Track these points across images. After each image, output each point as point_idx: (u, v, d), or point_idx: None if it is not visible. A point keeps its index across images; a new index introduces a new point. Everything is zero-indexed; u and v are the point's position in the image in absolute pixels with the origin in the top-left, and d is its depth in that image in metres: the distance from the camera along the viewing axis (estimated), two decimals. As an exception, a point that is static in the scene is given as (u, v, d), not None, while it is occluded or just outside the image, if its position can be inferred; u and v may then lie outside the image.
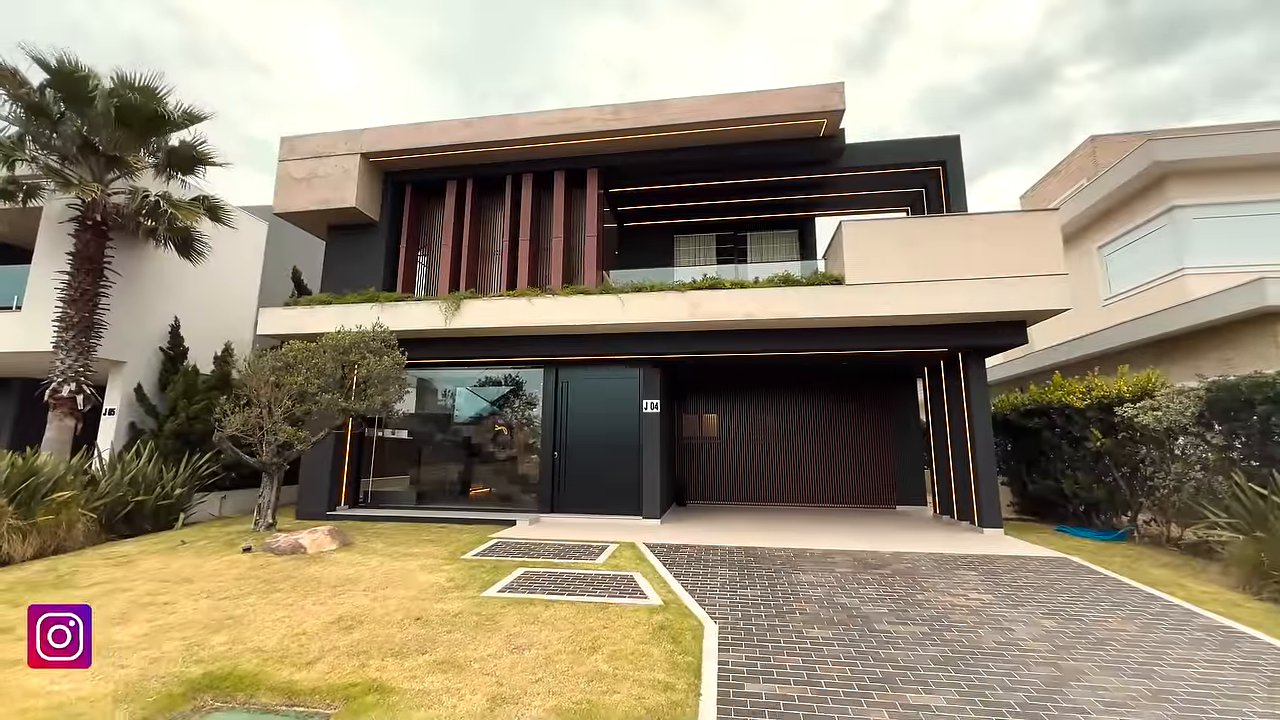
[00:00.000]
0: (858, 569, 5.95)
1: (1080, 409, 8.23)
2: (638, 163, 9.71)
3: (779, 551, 6.76)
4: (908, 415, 11.27)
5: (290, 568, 5.90)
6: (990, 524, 7.98)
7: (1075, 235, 11.86)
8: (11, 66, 7.80)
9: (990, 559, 6.34)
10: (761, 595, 5.07)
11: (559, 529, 8.23)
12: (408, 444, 10.45)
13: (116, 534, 7.95)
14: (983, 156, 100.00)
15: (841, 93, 8.42)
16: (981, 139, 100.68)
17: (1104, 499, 8.04)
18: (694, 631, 4.21)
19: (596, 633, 4.17)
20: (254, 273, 13.08)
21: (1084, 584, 5.38)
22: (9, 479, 6.62)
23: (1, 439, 11.64)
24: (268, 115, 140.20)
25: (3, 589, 5.34)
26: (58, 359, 8.51)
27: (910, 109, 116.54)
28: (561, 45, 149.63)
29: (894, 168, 9.64)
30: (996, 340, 8.04)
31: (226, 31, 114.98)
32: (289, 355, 7.24)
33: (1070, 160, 15.21)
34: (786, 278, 8.27)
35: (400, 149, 9.59)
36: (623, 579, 5.57)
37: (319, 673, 3.59)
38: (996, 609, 4.68)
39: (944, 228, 7.96)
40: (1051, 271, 7.48)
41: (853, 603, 4.85)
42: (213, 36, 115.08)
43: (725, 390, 12.22)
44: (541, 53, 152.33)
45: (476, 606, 4.76)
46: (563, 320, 8.55)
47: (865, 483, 11.41)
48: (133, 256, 10.18)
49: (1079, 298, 11.90)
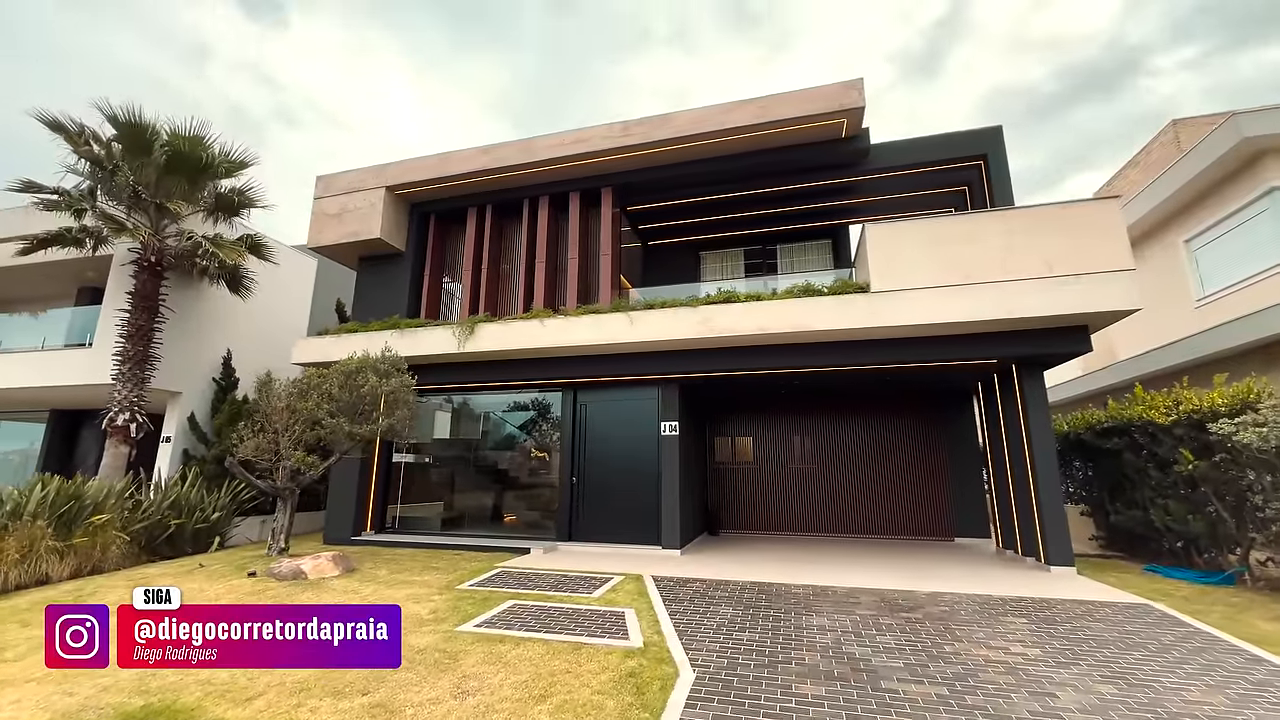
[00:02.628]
0: (882, 612, 5.19)
1: (1164, 426, 7.04)
2: (652, 178, 9.50)
3: (798, 589, 6.07)
4: (964, 437, 10.16)
5: (284, 593, 5.87)
6: (1058, 561, 6.89)
7: (1155, 230, 10.46)
8: (78, 124, 8.71)
9: (1049, 604, 5.38)
10: (759, 640, 4.47)
11: (571, 558, 7.87)
12: (433, 470, 10.49)
13: (160, 555, 8.35)
14: (1061, 160, 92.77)
15: (860, 89, 7.88)
16: (1058, 140, 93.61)
17: (1203, 533, 6.76)
18: (665, 681, 3.71)
19: (556, 678, 3.76)
20: (304, 306, 13.86)
21: (1165, 639, 4.40)
22: (54, 502, 7.08)
23: (89, 466, 12.77)
24: (345, 164, 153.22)
25: (24, 608, 5.61)
26: (115, 390, 9.20)
27: (975, 115, 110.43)
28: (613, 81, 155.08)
29: (929, 166, 8.88)
30: (1052, 349, 7.06)
31: (311, 95, 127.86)
32: (303, 382, 7.42)
33: (1150, 149, 13.62)
34: (807, 288, 7.70)
35: (422, 180, 9.88)
36: (612, 616, 5.12)
37: (253, 711, 3.40)
38: (1042, 668, 3.86)
39: (980, 225, 7.15)
40: (1113, 267, 6.50)
41: (863, 653, 4.17)
42: (299, 100, 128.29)
43: (760, 412, 11.54)
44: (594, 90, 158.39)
45: (444, 642, 4.47)
46: (574, 341, 8.34)
47: (918, 512, 10.32)
48: (189, 294, 11.00)
49: (1167, 300, 10.47)
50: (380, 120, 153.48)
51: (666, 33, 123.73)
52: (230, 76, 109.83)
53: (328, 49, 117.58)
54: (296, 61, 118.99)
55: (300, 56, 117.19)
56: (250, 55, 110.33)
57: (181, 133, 9.19)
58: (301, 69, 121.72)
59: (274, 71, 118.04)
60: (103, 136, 8.98)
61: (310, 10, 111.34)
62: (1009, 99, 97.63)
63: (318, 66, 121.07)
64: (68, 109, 8.69)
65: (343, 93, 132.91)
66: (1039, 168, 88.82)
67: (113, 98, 8.56)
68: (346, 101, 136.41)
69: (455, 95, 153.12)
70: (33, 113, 8.44)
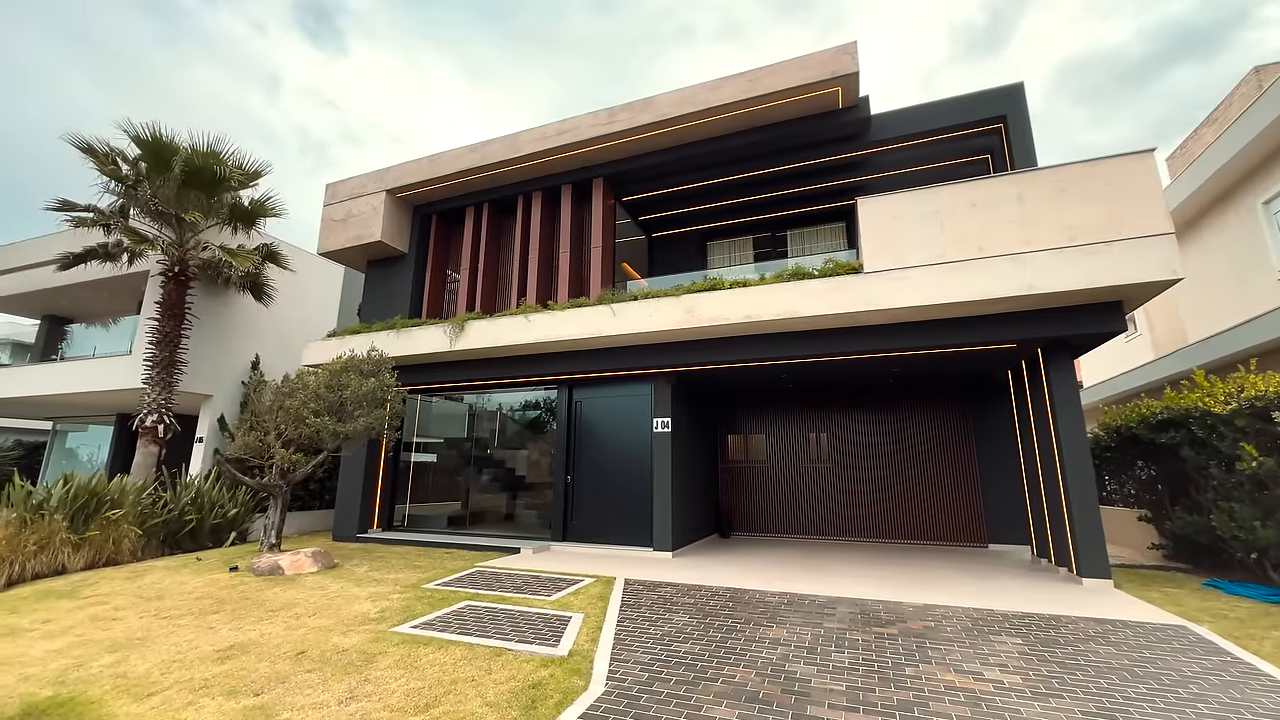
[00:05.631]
0: (854, 625, 4.63)
1: (1223, 416, 5.99)
2: (645, 165, 9.14)
3: (772, 596, 5.56)
4: (998, 433, 9.15)
5: (254, 588, 5.96)
6: (1092, 572, 6.00)
7: (1229, 191, 9.05)
8: (105, 146, 9.36)
9: (1060, 621, 4.63)
10: (697, 653, 4.06)
11: (556, 559, 7.64)
12: (440, 469, 10.57)
13: (181, 549, 8.80)
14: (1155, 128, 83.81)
15: (854, 54, 7.22)
16: (1152, 108, 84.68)
17: (1274, 542, 5.69)
18: (567, 694, 3.38)
19: (455, 686, 3.52)
20: (331, 310, 14.42)
21: (1188, 670, 3.63)
22: (75, 496, 7.57)
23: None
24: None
25: (25, 597, 5.96)
26: (145, 394, 9.81)
27: (1051, 89, 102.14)
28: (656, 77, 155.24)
29: (942, 134, 8.04)
30: (1080, 329, 6.16)
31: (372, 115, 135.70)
32: (293, 382, 7.59)
33: (1230, 102, 11.92)
34: (796, 271, 7.12)
35: (418, 181, 9.98)
36: (557, 620, 4.83)
37: (146, 707, 3.36)
38: (1013, 699, 3.25)
39: (990, 191, 6.34)
40: (1148, 232, 5.58)
41: (806, 673, 3.67)
42: (361, 121, 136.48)
43: (772, 407, 10.92)
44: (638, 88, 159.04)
45: (370, 643, 4.33)
46: (560, 335, 8.12)
47: (946, 516, 9.40)
48: (218, 302, 11.65)
49: (1241, 271, 9.07)
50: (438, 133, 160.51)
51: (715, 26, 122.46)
52: (299, 102, 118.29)
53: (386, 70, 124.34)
54: (358, 84, 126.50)
55: (361, 78, 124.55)
56: (316, 81, 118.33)
57: (198, 148, 9.69)
58: (362, 91, 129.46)
59: (338, 96, 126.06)
60: (130, 156, 9.61)
61: (369, 35, 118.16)
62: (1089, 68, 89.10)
63: (377, 88, 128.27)
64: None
65: (401, 110, 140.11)
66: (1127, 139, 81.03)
67: (207, 127, 9.09)
68: (405, 118, 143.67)
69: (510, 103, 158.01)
70: (66, 137, 9.17)
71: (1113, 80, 79.61)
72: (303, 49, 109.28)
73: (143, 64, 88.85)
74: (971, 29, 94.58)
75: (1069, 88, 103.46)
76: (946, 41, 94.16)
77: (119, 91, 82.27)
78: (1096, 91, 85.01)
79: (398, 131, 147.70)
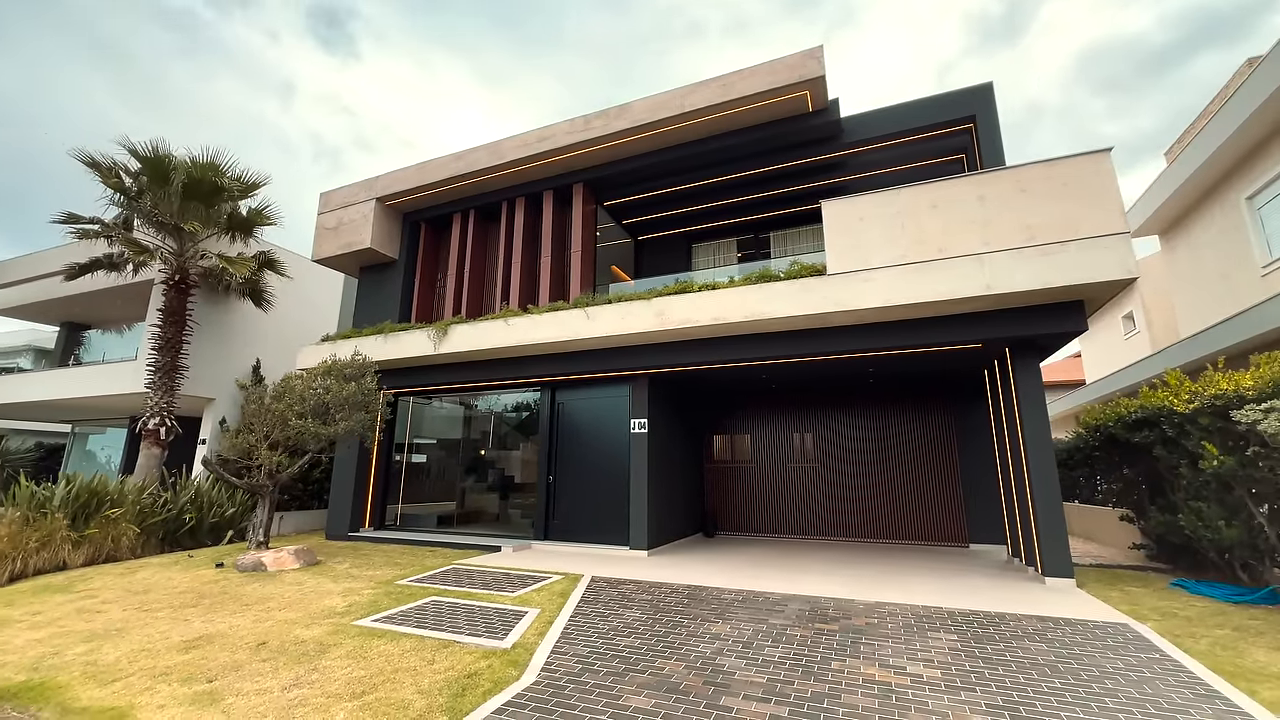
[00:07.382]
0: (799, 622, 4.73)
1: (1186, 414, 5.96)
2: (624, 170, 9.30)
3: (729, 594, 5.68)
4: (978, 433, 9.14)
5: (235, 584, 6.23)
6: (1055, 572, 6.02)
7: (1212, 187, 8.93)
8: (109, 161, 9.78)
9: (1002, 619, 4.68)
10: (636, 646, 4.20)
11: (534, 557, 7.83)
12: (431, 470, 10.84)
13: (180, 546, 9.14)
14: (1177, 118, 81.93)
15: (820, 58, 7.31)
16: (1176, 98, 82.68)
17: (1238, 541, 5.66)
18: (497, 684, 3.55)
19: (395, 675, 3.70)
20: (332, 315, 14.80)
21: (1110, 666, 3.68)
22: (76, 495, 7.93)
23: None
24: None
25: (24, 591, 6.30)
26: (148, 397, 10.21)
27: (1070, 79, 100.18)
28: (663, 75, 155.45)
29: (914, 134, 8.07)
30: (1044, 329, 6.18)
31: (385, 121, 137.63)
32: (280, 385, 7.88)
33: (1226, 94, 11.71)
34: (763, 274, 7.22)
35: (406, 189, 10.25)
36: (513, 615, 5.00)
37: (107, 692, 3.59)
38: (925, 692, 3.34)
39: (951, 192, 6.38)
40: (1104, 231, 5.59)
41: (733, 666, 3.80)
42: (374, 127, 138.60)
43: (756, 408, 10.99)
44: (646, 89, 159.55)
45: (329, 635, 4.54)
46: (538, 339, 8.30)
47: (929, 516, 9.41)
48: (220, 308, 12.05)
49: (1226, 267, 8.96)
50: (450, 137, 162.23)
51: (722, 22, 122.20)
52: (313, 108, 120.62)
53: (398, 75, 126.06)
54: (371, 89, 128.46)
55: (374, 84, 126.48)
56: (330, 87, 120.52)
57: (199, 160, 10.07)
58: (375, 96, 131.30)
59: (352, 102, 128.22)
60: (131, 169, 10.02)
61: (381, 40, 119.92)
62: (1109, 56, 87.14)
63: (390, 93, 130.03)
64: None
65: (415, 115, 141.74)
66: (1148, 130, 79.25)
67: (224, 138, 9.51)
68: (418, 123, 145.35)
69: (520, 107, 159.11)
70: (72, 152, 9.59)
71: (1133, 69, 78.07)
72: (316, 55, 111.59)
73: (164, 78, 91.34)
74: (987, 19, 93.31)
75: (1088, 78, 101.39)
76: (961, 33, 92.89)
77: (143, 109, 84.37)
78: (1116, 81, 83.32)
79: (410, 136, 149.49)
